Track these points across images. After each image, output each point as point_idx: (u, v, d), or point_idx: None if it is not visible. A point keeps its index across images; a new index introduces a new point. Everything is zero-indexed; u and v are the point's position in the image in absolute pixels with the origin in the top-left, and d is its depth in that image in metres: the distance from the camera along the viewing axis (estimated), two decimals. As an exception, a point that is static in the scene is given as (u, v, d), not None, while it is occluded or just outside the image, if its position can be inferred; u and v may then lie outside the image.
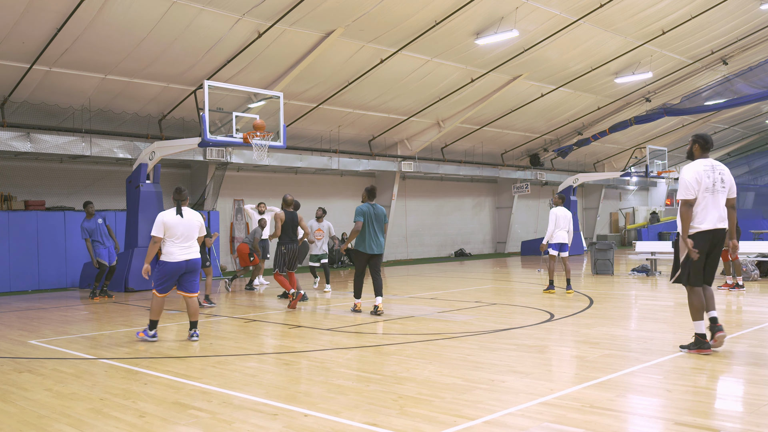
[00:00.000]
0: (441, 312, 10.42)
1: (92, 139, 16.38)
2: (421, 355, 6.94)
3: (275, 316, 10.37)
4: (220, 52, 15.78)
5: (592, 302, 11.25)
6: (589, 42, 20.16)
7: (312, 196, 23.21)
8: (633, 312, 10.64)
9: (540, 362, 6.59)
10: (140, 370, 6.62)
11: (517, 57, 19.83)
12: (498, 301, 11.89)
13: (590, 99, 25.53)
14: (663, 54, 22.51)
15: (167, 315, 10.85)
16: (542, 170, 29.97)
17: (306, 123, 20.64)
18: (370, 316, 10.02)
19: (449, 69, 19.86)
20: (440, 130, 23.79)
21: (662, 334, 8.07)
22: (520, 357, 6.87)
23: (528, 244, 28.04)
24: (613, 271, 16.44)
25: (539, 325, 8.91)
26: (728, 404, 5.07)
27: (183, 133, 17.84)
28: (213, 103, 13.67)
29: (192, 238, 8.38)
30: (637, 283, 14.55)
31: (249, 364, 6.92)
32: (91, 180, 17.85)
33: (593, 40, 20.10)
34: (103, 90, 16.15)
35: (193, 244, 8.39)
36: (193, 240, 8.40)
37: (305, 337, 8.42)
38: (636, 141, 31.89)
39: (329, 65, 17.80)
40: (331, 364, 6.70)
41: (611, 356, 6.79)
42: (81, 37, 13.95)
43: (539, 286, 14.63)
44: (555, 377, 5.96)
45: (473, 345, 7.68)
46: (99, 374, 6.50)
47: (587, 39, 19.91)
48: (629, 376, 5.94)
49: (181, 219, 8.37)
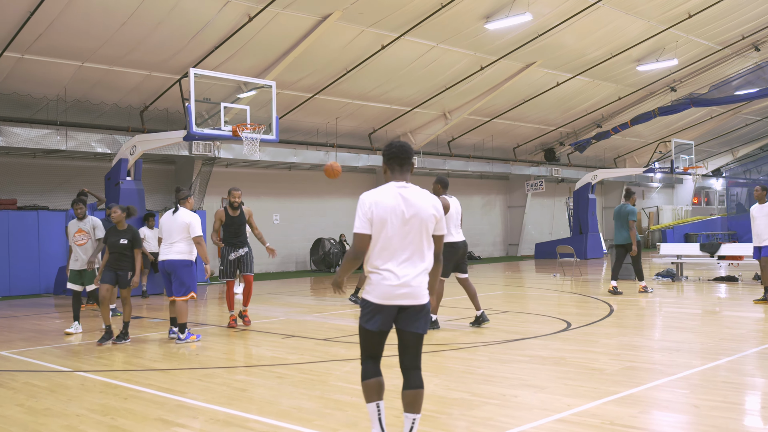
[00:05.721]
0: (447, 320, 10.40)
1: (68, 132, 16.38)
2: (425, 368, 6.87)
3: (267, 324, 10.37)
4: (208, 37, 15.77)
5: (612, 310, 11.23)
6: (609, 26, 20.12)
7: (307, 194, 23.21)
8: (657, 320, 10.62)
9: (556, 375, 6.57)
10: (120, 383, 6.61)
11: (531, 43, 19.82)
12: (510, 308, 11.87)
13: (610, 88, 25.50)
14: (689, 39, 22.47)
15: (149, 324, 10.85)
16: (558, 166, 29.95)
17: (300, 115, 20.64)
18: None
19: (456, 56, 19.85)
20: (447, 123, 23.78)
21: (689, 344, 8.05)
22: (534, 369, 6.85)
23: (542, 246, 28.01)
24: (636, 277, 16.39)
25: (555, 335, 8.88)
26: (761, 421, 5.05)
27: (167, 125, 17.85)
28: (199, 94, 13.65)
29: (173, 237, 8.93)
30: (662, 288, 14.53)
31: (238, 377, 6.91)
32: (67, 177, 17.85)
33: (613, 24, 20.07)
34: (80, 79, 16.15)
35: (175, 243, 8.93)
36: (176, 240, 8.93)
37: (299, 348, 8.40)
38: (660, 134, 31.86)
39: (326, 52, 17.79)
40: (328, 377, 6.69)
41: (633, 369, 6.78)
42: (56, 21, 13.94)
43: (554, 292, 14.62)
44: (572, 392, 5.93)
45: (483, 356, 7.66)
46: (75, 388, 6.49)
47: (607, 23, 19.88)
48: (653, 390, 5.92)
49: (170, 217, 9.05)
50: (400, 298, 4.20)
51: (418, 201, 4.30)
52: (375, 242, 4.26)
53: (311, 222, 23.07)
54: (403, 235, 4.25)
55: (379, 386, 4.35)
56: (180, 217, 9.04)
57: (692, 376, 6.40)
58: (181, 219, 9.02)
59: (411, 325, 4.25)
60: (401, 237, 4.24)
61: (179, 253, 8.96)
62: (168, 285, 9.10)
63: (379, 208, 4.25)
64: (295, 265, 22.70)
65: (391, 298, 4.19)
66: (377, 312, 4.23)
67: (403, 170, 4.39)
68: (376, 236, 4.25)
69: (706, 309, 11.65)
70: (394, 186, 4.33)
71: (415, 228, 4.26)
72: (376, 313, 4.24)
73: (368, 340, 4.32)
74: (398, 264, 4.21)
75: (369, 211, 4.24)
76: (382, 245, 4.25)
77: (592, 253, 26.30)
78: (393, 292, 4.19)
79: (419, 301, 4.24)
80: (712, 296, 13.31)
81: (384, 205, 4.25)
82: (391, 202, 4.26)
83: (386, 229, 4.23)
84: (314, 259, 22.21)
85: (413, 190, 4.34)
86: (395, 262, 4.23)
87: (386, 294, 4.20)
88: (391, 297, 4.19)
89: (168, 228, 9.06)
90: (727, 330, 8.83)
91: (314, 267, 22.35)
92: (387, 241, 4.24)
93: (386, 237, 4.24)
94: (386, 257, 4.24)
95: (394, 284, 4.18)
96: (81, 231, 9.82)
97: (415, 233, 4.26)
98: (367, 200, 4.28)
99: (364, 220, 4.24)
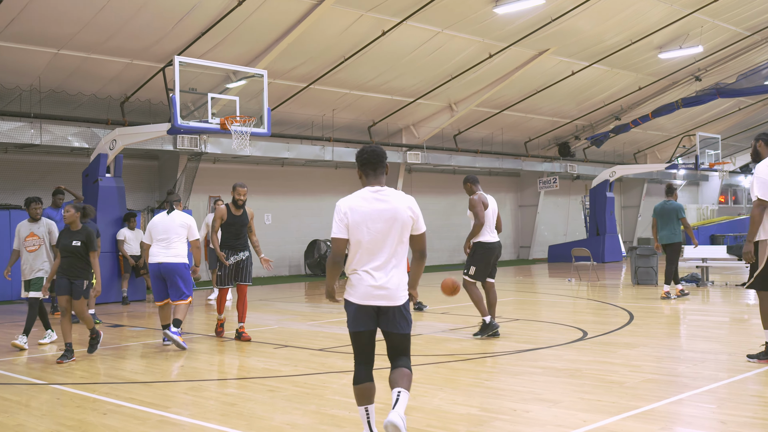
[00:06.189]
0: (453, 329, 10.41)
1: (42, 125, 16.39)
2: (430, 380, 6.92)
3: (258, 334, 10.38)
4: (194, 22, 15.79)
5: (632, 317, 11.24)
6: (629, 10, 20.13)
7: (301, 192, 23.22)
8: (681, 329, 10.63)
9: (571, 388, 6.58)
10: (98, 397, 6.63)
11: (544, 28, 19.82)
12: (521, 316, 11.89)
13: (630, 78, 25.51)
14: (716, 24, 22.48)
15: (130, 333, 10.86)
16: (573, 162, 29.96)
17: (294, 106, 20.66)
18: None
19: (463, 42, 19.86)
20: (452, 115, 23.79)
21: (715, 355, 8.06)
22: (547, 382, 6.86)
23: (556, 248, 28.03)
24: (657, 281, 16.42)
25: (570, 345, 8.89)
26: (793, 438, 5.07)
27: (149, 118, 17.86)
28: (185, 83, 13.66)
29: (171, 239, 9.22)
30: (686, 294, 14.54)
31: (227, 391, 6.92)
32: (41, 173, 17.87)
33: (633, 8, 20.07)
34: (56, 67, 16.16)
35: (172, 246, 9.22)
36: (174, 242, 9.23)
37: (293, 359, 8.42)
38: (684, 127, 31.86)
39: (322, 38, 17.80)
40: (324, 391, 6.70)
41: (655, 381, 6.79)
42: (29, 5, 13.95)
43: (569, 298, 14.63)
44: (588, 406, 5.95)
45: (492, 368, 7.67)
46: (50, 402, 6.50)
47: (626, 7, 19.88)
48: (676, 405, 5.93)
49: (165, 218, 9.32)
50: (378, 299, 4.73)
51: (394, 204, 4.79)
52: (353, 246, 4.80)
53: (306, 222, 23.08)
54: (380, 239, 4.76)
55: (369, 391, 4.79)
56: (178, 218, 9.38)
57: (719, 389, 6.41)
58: (180, 220, 9.37)
59: (394, 327, 4.79)
60: (377, 240, 4.75)
61: (177, 255, 9.27)
62: (160, 289, 9.29)
63: (355, 213, 4.76)
64: (288, 269, 22.72)
65: (370, 298, 4.73)
66: (358, 312, 4.76)
67: (377, 174, 4.90)
68: (354, 240, 4.77)
69: (733, 317, 11.65)
70: (368, 191, 4.84)
71: (392, 230, 4.77)
72: (357, 313, 4.77)
73: (357, 341, 4.82)
74: (375, 266, 4.73)
75: (345, 217, 4.77)
76: (359, 249, 4.77)
77: (610, 257, 26.32)
78: (371, 292, 4.72)
79: (396, 302, 4.75)
80: (740, 303, 13.31)
81: (359, 210, 4.76)
82: (366, 207, 4.77)
83: (362, 233, 4.74)
84: (309, 263, 22.23)
85: (388, 193, 4.83)
86: (373, 264, 4.75)
87: (365, 294, 4.74)
88: (369, 297, 4.72)
89: (164, 229, 9.29)
90: (756, 340, 8.83)
91: (309, 271, 22.37)
92: (364, 245, 4.76)
93: (363, 241, 4.75)
94: (364, 260, 4.77)
95: (372, 285, 4.72)
96: (33, 235, 9.58)
97: (392, 236, 4.77)
98: (342, 206, 4.80)
99: (341, 226, 4.77)
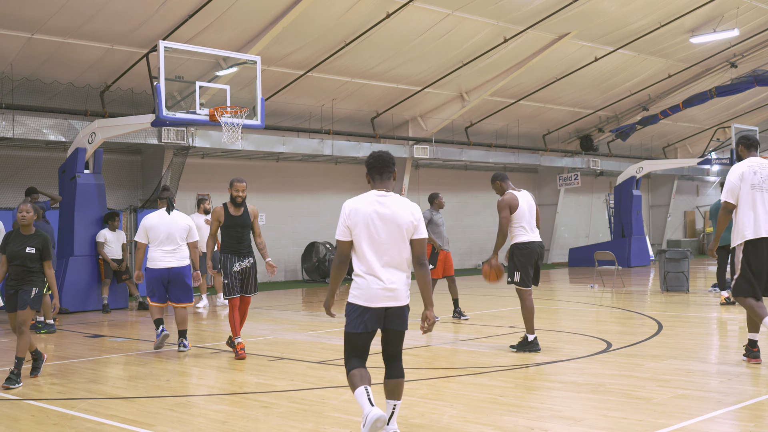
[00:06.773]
0: (465, 340, 10.39)
1: (15, 116, 16.41)
2: (439, 396, 6.92)
3: (251, 345, 10.38)
4: (180, 4, 15.78)
5: (660, 327, 11.23)
6: (657, -10, 20.12)
7: (298, 189, 23.22)
8: (713, 340, 10.60)
9: (593, 405, 6.58)
10: (77, 414, 6.63)
11: (564, 9, 19.77)
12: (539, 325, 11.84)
13: (658, 64, 25.46)
14: (753, 6, 22.42)
15: (111, 344, 10.87)
16: (596, 156, 29.91)
17: (290, 96, 20.67)
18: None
19: (476, 25, 19.83)
20: (464, 105, 23.76)
21: (751, 368, 8.04)
22: (567, 398, 6.86)
23: (577, 252, 27.98)
24: (688, 288, 16.40)
25: (592, 357, 8.88)
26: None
27: (132, 108, 17.87)
28: (170, 71, 13.65)
29: (176, 242, 9.46)
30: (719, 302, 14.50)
31: (217, 407, 6.92)
32: (14, 169, 17.90)
33: (662, -12, 20.06)
34: (29, 53, 16.18)
35: (178, 249, 9.49)
36: (181, 245, 9.52)
37: (289, 372, 8.42)
38: (718, 119, 31.81)
39: (320, 21, 17.80)
40: (323, 407, 6.69)
41: (685, 397, 6.77)
42: (1, -15, 13.98)
43: (591, 306, 14.60)
44: (613, 424, 5.94)
45: (507, 383, 7.66)
46: (25, 420, 6.50)
47: (654, -14, 19.87)
48: (709, 423, 5.92)
49: (166, 219, 9.43)
50: (387, 300, 5.23)
51: (396, 209, 5.31)
52: (357, 248, 5.33)
53: (303, 223, 23.07)
54: (382, 242, 5.27)
55: (366, 374, 5.22)
56: (180, 219, 9.62)
57: (756, 406, 6.40)
58: (183, 221, 9.62)
59: (393, 324, 5.29)
60: (380, 243, 5.27)
61: (185, 258, 9.62)
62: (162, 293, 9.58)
63: (358, 215, 5.30)
64: (284, 274, 22.71)
65: (380, 300, 5.22)
66: (365, 314, 5.23)
67: (384, 179, 5.45)
68: (357, 243, 5.31)
69: (772, 326, 11.62)
70: (374, 194, 5.38)
71: (394, 233, 5.27)
72: (364, 315, 5.24)
73: (355, 342, 5.29)
74: (380, 268, 5.23)
75: (348, 219, 5.34)
76: (364, 251, 5.28)
77: (636, 261, 26.26)
78: (381, 295, 5.22)
79: (401, 302, 5.29)
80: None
81: (363, 213, 5.30)
82: (369, 210, 5.30)
83: (366, 235, 5.27)
84: (306, 267, 22.24)
85: (392, 199, 5.36)
86: (377, 266, 5.25)
87: (375, 297, 5.22)
88: (379, 299, 5.22)
89: (167, 230, 9.45)
90: (797, 352, 8.81)
91: (306, 276, 22.37)
92: (367, 247, 5.27)
93: (366, 243, 5.28)
94: (369, 263, 5.27)
95: (380, 288, 5.21)
96: None
97: (394, 240, 5.27)
98: (347, 208, 5.38)
99: (344, 228, 5.36)
